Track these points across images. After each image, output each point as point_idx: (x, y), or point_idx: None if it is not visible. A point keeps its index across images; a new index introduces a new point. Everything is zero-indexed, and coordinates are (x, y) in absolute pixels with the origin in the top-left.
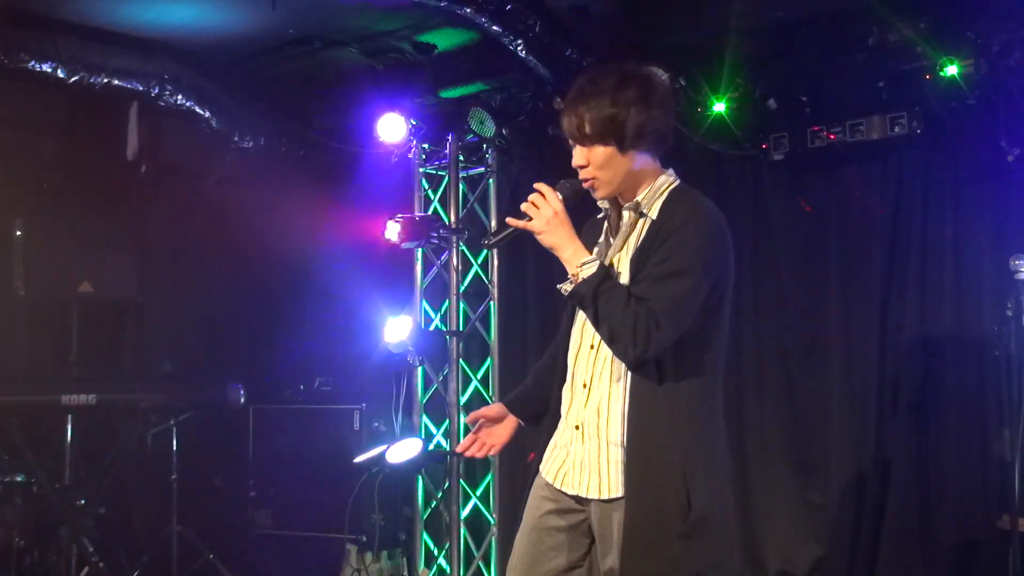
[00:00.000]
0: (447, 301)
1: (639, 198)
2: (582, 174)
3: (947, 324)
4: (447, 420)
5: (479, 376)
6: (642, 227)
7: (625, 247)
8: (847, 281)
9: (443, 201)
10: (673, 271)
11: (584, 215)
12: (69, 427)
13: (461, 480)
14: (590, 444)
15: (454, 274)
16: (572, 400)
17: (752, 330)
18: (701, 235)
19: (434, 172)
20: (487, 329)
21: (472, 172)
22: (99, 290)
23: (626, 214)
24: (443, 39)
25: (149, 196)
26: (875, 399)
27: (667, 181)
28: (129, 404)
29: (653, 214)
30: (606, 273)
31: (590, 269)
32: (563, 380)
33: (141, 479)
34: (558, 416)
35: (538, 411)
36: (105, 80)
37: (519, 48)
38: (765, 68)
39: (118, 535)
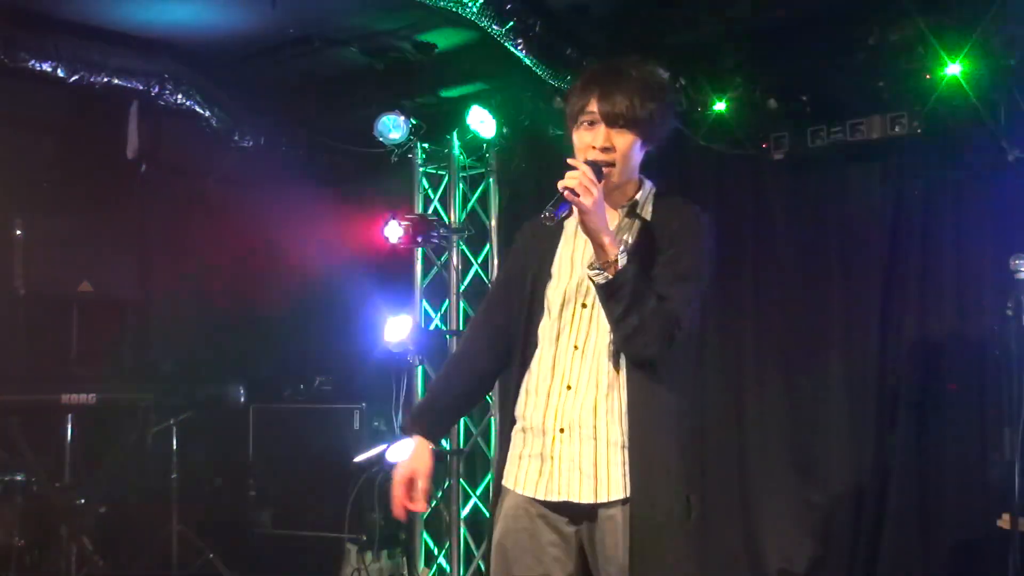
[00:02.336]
0: (447, 301)
1: (636, 198)
2: (605, 156)
3: (947, 324)
4: None
5: None
6: (632, 227)
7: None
8: (847, 281)
9: (443, 201)
10: (687, 273)
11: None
12: (69, 426)
13: (461, 479)
14: (584, 446)
15: (454, 274)
16: (549, 403)
17: (752, 330)
18: (706, 239)
19: (434, 172)
20: None
21: (472, 171)
22: (99, 289)
23: (617, 215)
24: (443, 38)
25: (149, 195)
26: (875, 399)
27: (651, 185)
28: (129, 403)
29: (647, 216)
30: (640, 265)
31: (624, 259)
32: (518, 384)
33: (141, 478)
34: (510, 426)
35: (446, 429)
36: (105, 79)
37: (519, 48)
38: (765, 68)
39: (118, 534)
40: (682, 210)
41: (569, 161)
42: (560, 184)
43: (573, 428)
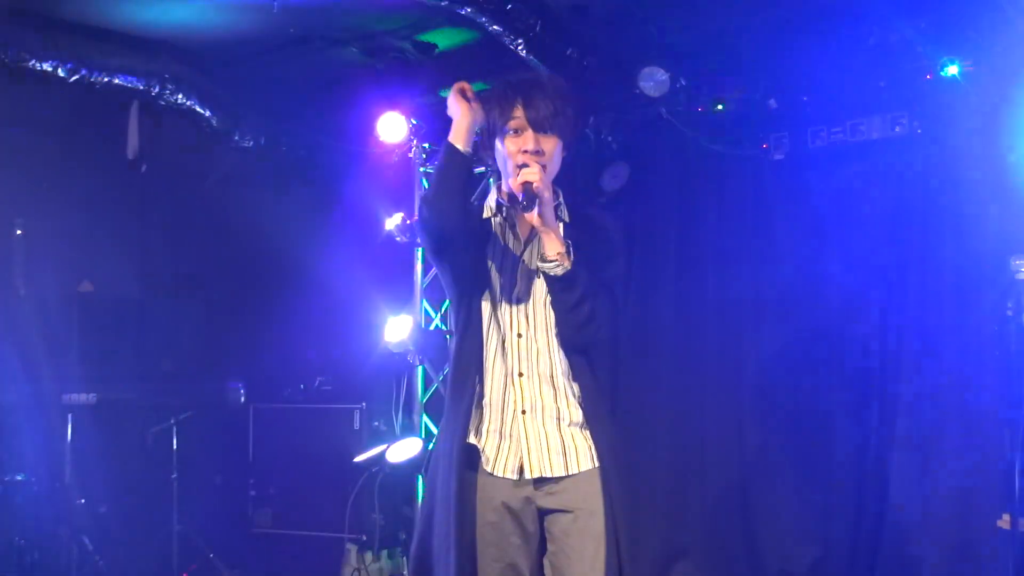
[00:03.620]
0: (447, 300)
1: (560, 201)
2: (538, 159)
3: (948, 324)
4: None
5: None
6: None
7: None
8: (848, 282)
9: None
10: (613, 269)
11: None
12: (69, 426)
13: None
14: (548, 426)
15: None
16: (506, 389)
17: (752, 329)
18: (618, 231)
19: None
20: None
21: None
22: (99, 289)
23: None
24: (444, 38)
25: (149, 195)
26: (876, 397)
27: (560, 190)
28: (129, 403)
29: (566, 218)
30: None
31: (571, 252)
32: (474, 375)
33: (141, 478)
34: (467, 415)
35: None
36: (106, 79)
37: (520, 47)
38: (766, 68)
39: (118, 534)
40: (599, 215)
41: (513, 159)
42: (522, 178)
43: (534, 410)
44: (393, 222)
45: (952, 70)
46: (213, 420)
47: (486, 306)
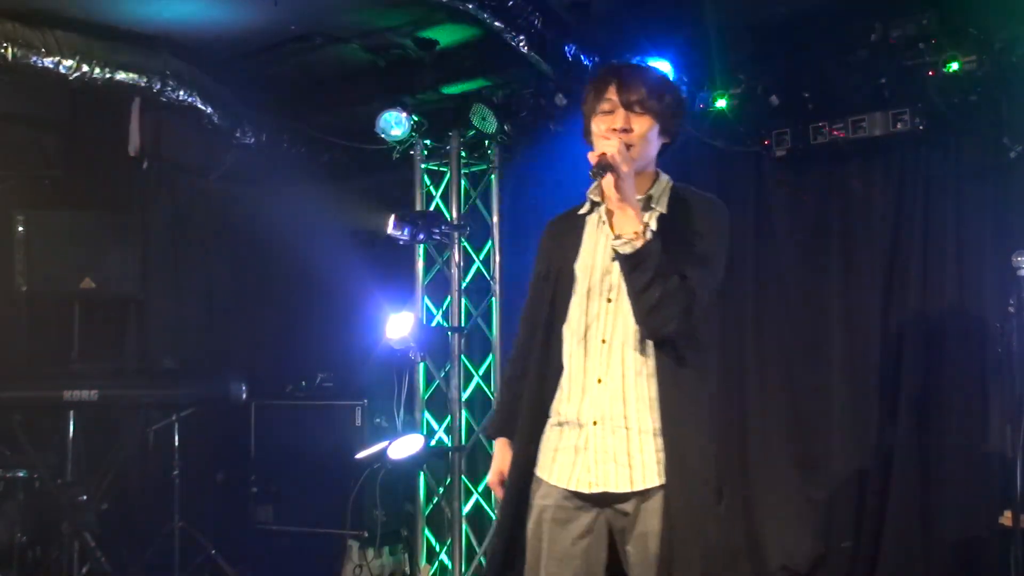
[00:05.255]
0: (449, 297)
1: (651, 192)
2: (625, 138)
3: (949, 320)
4: (449, 416)
5: (481, 372)
6: (649, 219)
7: None
8: (849, 277)
9: (445, 197)
10: (706, 257)
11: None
12: (71, 423)
13: (463, 476)
14: (615, 437)
15: (456, 270)
16: (584, 397)
17: (754, 326)
18: (722, 224)
19: (436, 168)
20: (489, 325)
21: (474, 168)
22: (101, 286)
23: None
24: (445, 35)
25: (151, 192)
26: (877, 395)
27: (668, 178)
28: (131, 400)
29: (662, 208)
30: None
31: (651, 232)
32: (552, 380)
33: (143, 475)
34: (541, 420)
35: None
36: (107, 76)
37: (521, 44)
38: (767, 64)
39: (120, 531)
40: (702, 199)
41: (600, 137)
42: (598, 149)
43: (605, 420)
44: (394, 220)
45: (955, 67)
46: (215, 417)
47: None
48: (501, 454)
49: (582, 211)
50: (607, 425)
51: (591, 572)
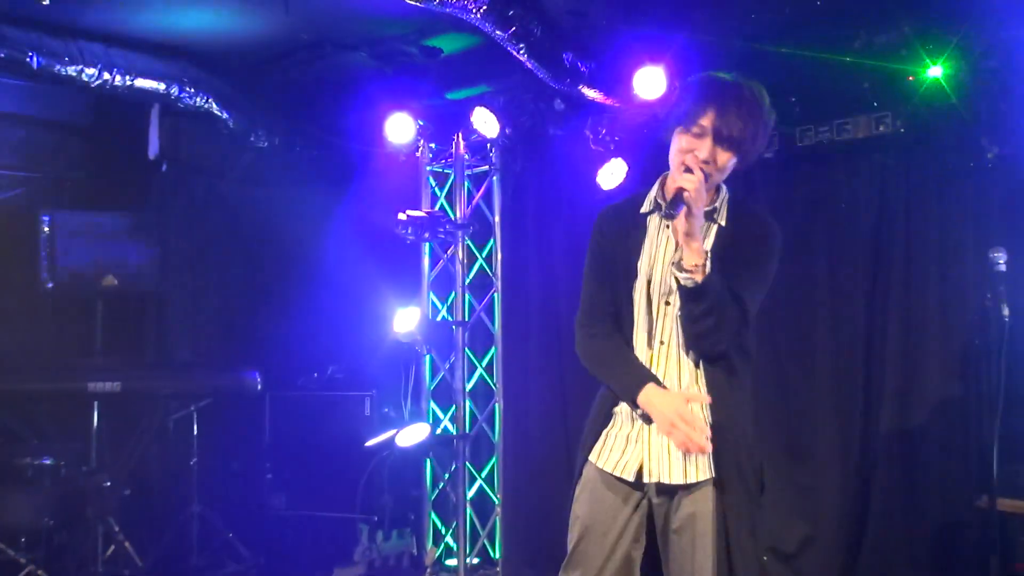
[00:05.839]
0: (453, 293)
1: (715, 205)
2: (705, 168)
3: (930, 314)
4: (453, 406)
5: (484, 364)
6: (708, 230)
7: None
8: (835, 273)
9: (449, 198)
10: (758, 279)
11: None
12: (95, 413)
13: (467, 463)
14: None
15: (460, 267)
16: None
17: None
18: (777, 248)
19: (441, 170)
20: (491, 319)
21: (477, 170)
22: (122, 282)
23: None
24: (449, 43)
25: (169, 193)
26: (862, 386)
27: (726, 191)
28: (151, 391)
29: (722, 221)
30: (719, 270)
31: (710, 265)
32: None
33: (163, 462)
34: (609, 411)
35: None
36: (128, 82)
37: (521, 52)
38: (756, 70)
39: (142, 515)
40: (759, 218)
41: (680, 157)
42: (678, 183)
43: None
44: (401, 219)
45: (933, 72)
46: (231, 407)
47: (639, 300)
48: (662, 394)
49: (643, 209)
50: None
51: (628, 551)
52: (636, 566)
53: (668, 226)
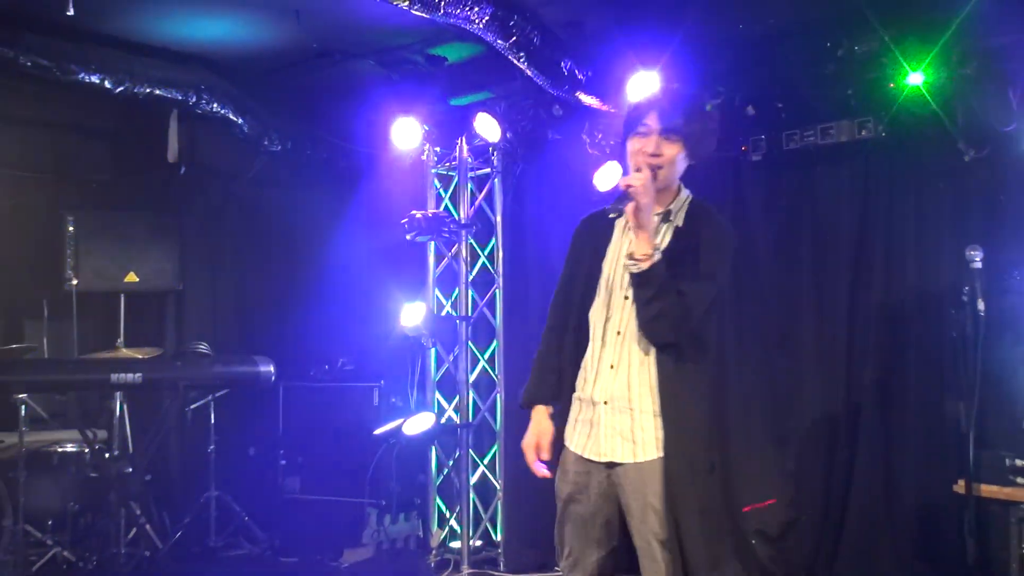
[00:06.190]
0: (457, 289)
1: (671, 207)
2: (654, 161)
3: (910, 308)
4: (457, 396)
5: (486, 356)
6: (666, 231)
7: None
8: (819, 271)
9: (453, 199)
10: (705, 275)
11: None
12: (118, 403)
13: (470, 450)
14: (621, 416)
15: (463, 265)
16: (597, 379)
17: (734, 317)
18: (726, 248)
19: (445, 172)
20: (493, 314)
21: (479, 172)
22: (143, 280)
23: (655, 219)
24: (453, 52)
25: (188, 194)
26: (844, 377)
27: (687, 194)
28: (171, 382)
29: (679, 222)
30: (668, 264)
31: (658, 255)
32: (578, 363)
33: (182, 449)
34: (569, 396)
35: (557, 395)
36: (148, 90)
37: (521, 60)
38: (744, 77)
39: (162, 500)
40: (712, 221)
41: (633, 158)
42: (623, 180)
43: (613, 401)
44: (407, 219)
45: (913, 79)
46: (247, 397)
47: (599, 299)
48: (536, 420)
49: (612, 215)
50: (615, 405)
51: (607, 516)
52: (615, 523)
53: (630, 228)
